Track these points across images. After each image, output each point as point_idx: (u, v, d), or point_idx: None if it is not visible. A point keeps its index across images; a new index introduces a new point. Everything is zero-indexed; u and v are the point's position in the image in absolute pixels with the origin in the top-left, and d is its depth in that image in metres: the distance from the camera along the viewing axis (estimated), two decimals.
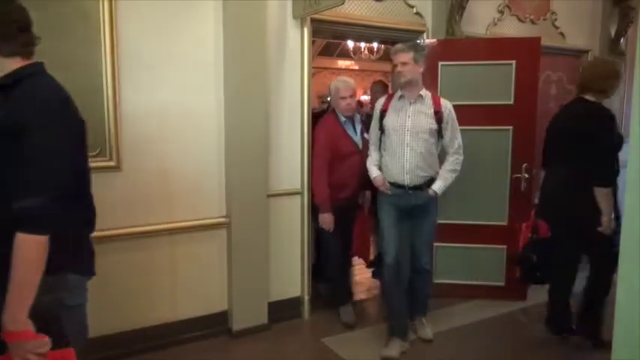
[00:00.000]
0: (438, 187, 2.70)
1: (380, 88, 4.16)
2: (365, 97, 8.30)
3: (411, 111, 2.67)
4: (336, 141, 3.08)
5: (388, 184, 2.74)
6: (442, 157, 2.82)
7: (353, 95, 3.14)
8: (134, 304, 2.72)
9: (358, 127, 3.18)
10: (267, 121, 2.98)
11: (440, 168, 2.77)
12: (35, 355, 1.21)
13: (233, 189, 2.89)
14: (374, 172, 2.80)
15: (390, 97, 2.82)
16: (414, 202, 2.72)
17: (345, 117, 3.12)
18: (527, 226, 2.90)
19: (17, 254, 1.19)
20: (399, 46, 2.69)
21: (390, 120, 2.73)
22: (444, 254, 3.57)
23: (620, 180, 2.67)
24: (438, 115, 2.66)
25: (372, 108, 3.42)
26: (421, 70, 2.68)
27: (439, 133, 2.70)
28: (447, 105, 2.71)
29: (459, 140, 2.75)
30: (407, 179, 2.68)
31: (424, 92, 2.70)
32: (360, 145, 3.13)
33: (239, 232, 2.91)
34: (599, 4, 4.49)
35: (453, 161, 2.74)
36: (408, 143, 2.65)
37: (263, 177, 2.97)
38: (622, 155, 2.40)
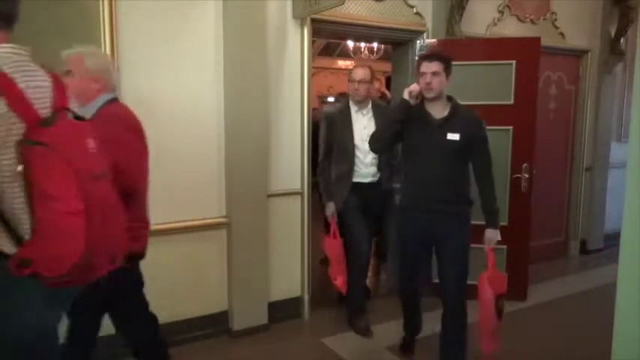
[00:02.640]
0: None
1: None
2: None
3: None
4: None
5: None
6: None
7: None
8: None
9: None
10: (267, 121, 2.97)
11: None
12: None
13: (233, 189, 2.89)
14: None
15: None
16: None
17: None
18: None
19: None
20: None
21: None
22: None
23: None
24: None
25: None
26: None
27: None
28: None
29: None
30: None
31: None
32: None
33: (239, 232, 2.91)
34: (599, 4, 4.49)
35: None
36: None
37: (263, 177, 2.97)
38: (622, 155, 2.38)
